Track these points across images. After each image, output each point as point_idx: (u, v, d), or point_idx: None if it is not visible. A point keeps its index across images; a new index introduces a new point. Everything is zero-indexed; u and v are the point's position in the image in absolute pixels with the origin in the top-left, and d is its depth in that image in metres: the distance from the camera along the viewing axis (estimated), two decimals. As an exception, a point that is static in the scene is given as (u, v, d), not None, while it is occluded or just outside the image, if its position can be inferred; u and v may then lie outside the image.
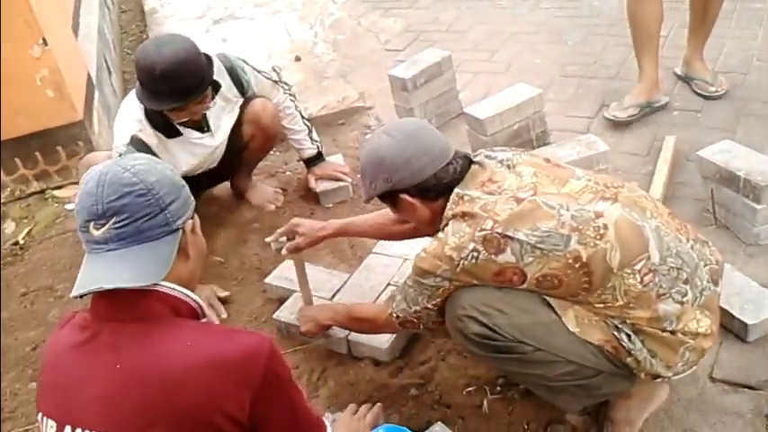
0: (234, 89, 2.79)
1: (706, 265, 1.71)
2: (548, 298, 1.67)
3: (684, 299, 1.64)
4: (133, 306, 1.30)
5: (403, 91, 3.36)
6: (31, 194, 3.59)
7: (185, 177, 1.45)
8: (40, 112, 3.39)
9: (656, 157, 2.93)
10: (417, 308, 1.80)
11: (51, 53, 3.32)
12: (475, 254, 1.62)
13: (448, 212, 1.70)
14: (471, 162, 1.77)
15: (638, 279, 1.60)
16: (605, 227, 1.60)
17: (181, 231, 1.34)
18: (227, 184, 3.23)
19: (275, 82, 2.98)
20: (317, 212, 3.09)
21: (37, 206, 3.53)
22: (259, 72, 2.91)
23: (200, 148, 2.76)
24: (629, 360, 1.67)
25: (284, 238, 2.32)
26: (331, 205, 3.12)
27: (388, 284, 2.47)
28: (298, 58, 4.32)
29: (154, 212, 1.29)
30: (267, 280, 2.64)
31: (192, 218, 1.39)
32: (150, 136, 2.59)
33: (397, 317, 1.87)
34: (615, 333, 1.65)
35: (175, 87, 2.42)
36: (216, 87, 2.67)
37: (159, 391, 1.25)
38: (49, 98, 3.38)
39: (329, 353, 2.35)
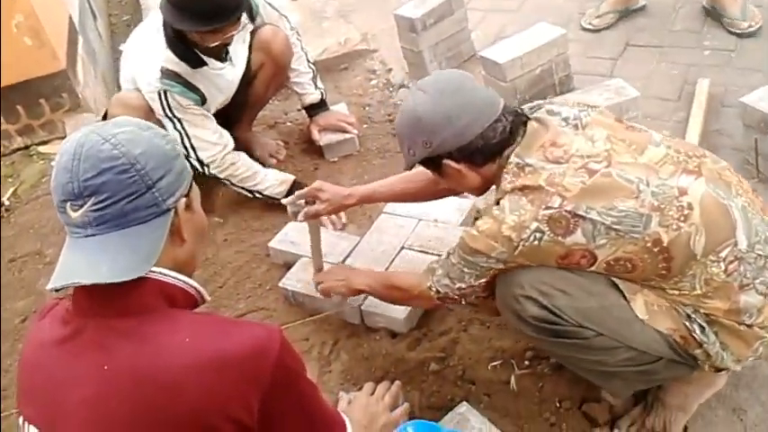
0: (245, 14, 2.58)
1: None
2: (616, 280, 1.48)
3: None
4: (120, 299, 1.12)
5: (411, 32, 3.11)
6: (14, 151, 3.39)
7: None
8: (18, 61, 3.16)
9: (687, 102, 2.72)
10: (462, 285, 1.60)
11: (27, -4, 3.06)
12: (538, 234, 1.42)
13: (506, 185, 1.48)
14: (526, 119, 1.54)
15: (723, 268, 1.41)
16: (690, 206, 1.40)
17: (173, 212, 1.16)
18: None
19: (281, 14, 2.79)
20: (321, 167, 2.91)
21: (22, 164, 3.34)
22: (266, 2, 2.72)
23: (223, 81, 2.61)
24: (697, 352, 1.50)
25: (302, 202, 2.10)
26: (336, 159, 2.91)
27: (402, 248, 2.30)
28: (294, -3, 4.05)
29: (139, 191, 1.11)
30: (271, 244, 2.46)
31: (188, 194, 1.19)
32: (178, 64, 2.43)
33: (437, 291, 1.67)
34: (686, 323, 1.48)
35: (218, 5, 2.25)
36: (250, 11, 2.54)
37: (154, 394, 1.09)
38: (27, 46, 3.15)
39: (341, 324, 2.18)
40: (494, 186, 1.57)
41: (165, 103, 2.44)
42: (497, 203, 1.49)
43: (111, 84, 4.02)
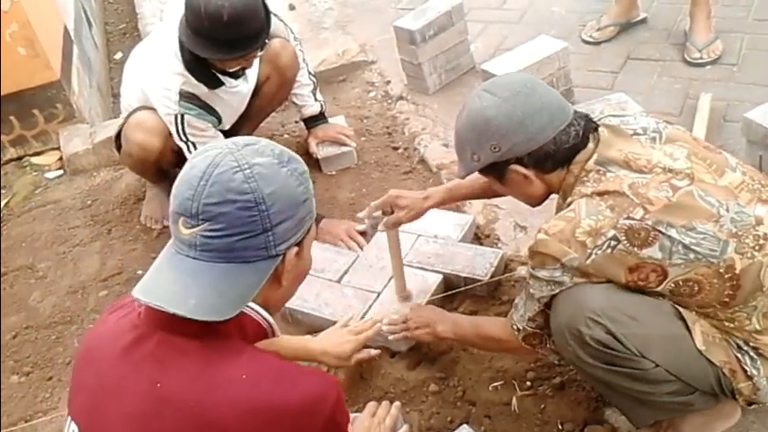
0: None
1: None
2: (680, 309, 1.43)
3: None
4: (197, 321, 1.07)
5: (410, 44, 3.08)
6: (7, 162, 3.33)
7: None
8: (11, 72, 3.11)
9: (689, 117, 2.68)
10: (530, 314, 1.55)
11: (21, 5, 3.03)
12: (613, 243, 1.36)
13: (586, 189, 1.41)
14: (596, 125, 1.49)
15: None
16: (765, 237, 1.37)
17: (280, 258, 1.11)
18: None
19: (286, 24, 2.75)
20: (318, 180, 2.85)
21: (15, 175, 3.28)
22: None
23: (238, 97, 2.59)
24: (742, 386, 1.46)
25: (379, 213, 2.02)
26: (333, 172, 2.87)
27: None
28: (292, 7, 4.04)
29: (255, 231, 1.06)
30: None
31: (301, 242, 1.14)
32: (196, 86, 2.41)
33: (518, 330, 1.60)
34: (738, 354, 1.44)
35: (242, 33, 2.21)
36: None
37: (197, 428, 1.05)
38: (21, 56, 3.10)
39: (339, 342, 2.13)
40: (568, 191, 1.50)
41: (180, 127, 2.41)
42: (567, 205, 1.44)
43: (106, 93, 3.98)
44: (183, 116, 2.39)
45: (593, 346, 1.42)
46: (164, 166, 2.62)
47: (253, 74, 2.62)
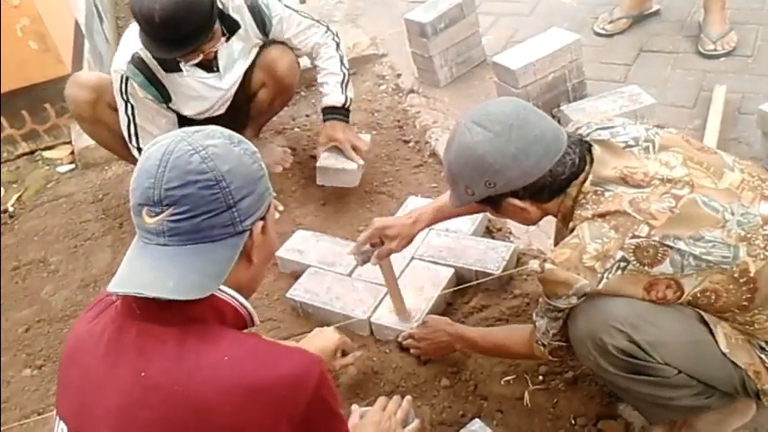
0: (255, 28, 2.54)
1: None
2: (701, 312, 1.41)
3: None
4: (173, 309, 1.09)
5: (421, 37, 3.06)
6: (19, 156, 3.35)
7: None
8: (23, 66, 3.13)
9: (704, 109, 2.65)
10: (555, 331, 1.53)
11: (32, 0, 3.01)
12: (622, 264, 1.33)
13: (586, 212, 1.38)
14: (590, 145, 1.45)
15: None
16: None
17: (247, 233, 1.12)
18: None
19: (316, 21, 2.66)
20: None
21: (26, 169, 3.31)
22: (295, 11, 2.62)
23: (206, 89, 2.55)
24: (767, 387, 1.44)
25: (367, 246, 1.96)
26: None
27: (413, 258, 2.25)
28: (302, 0, 3.99)
29: (219, 209, 1.08)
30: (278, 253, 2.41)
31: (264, 217, 1.16)
32: (150, 60, 2.42)
33: (543, 345, 1.58)
34: (761, 355, 1.42)
35: (179, 34, 2.19)
36: (232, 27, 2.44)
37: (185, 413, 1.05)
38: (32, 50, 3.12)
39: (350, 336, 2.11)
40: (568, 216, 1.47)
41: (123, 86, 2.45)
42: (571, 231, 1.41)
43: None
44: (127, 79, 2.43)
45: (616, 354, 1.39)
46: (103, 119, 2.63)
47: (234, 73, 2.57)
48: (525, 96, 2.61)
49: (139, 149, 2.51)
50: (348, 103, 2.64)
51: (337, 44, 2.67)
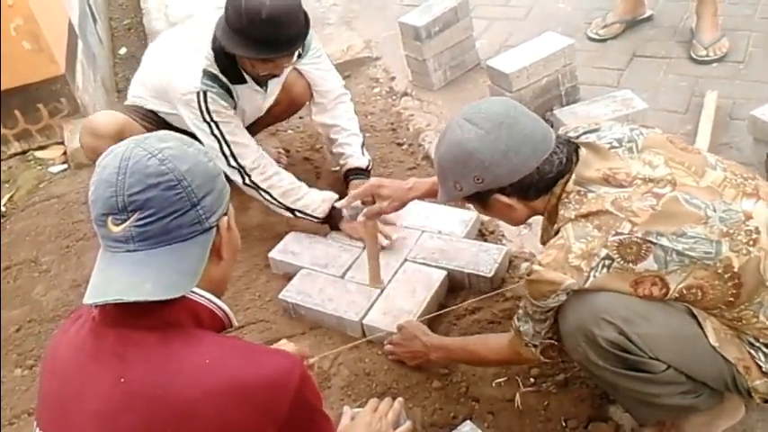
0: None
1: None
2: (691, 306, 1.43)
3: None
4: (149, 314, 1.10)
5: (415, 40, 3.07)
6: (11, 156, 3.34)
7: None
8: (16, 66, 3.12)
9: (695, 114, 2.67)
10: (545, 329, 1.54)
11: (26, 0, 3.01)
12: (607, 262, 1.35)
13: (569, 213, 1.41)
14: (577, 146, 1.48)
15: None
16: (757, 231, 1.36)
17: (214, 230, 1.13)
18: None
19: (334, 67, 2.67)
20: (322, 175, 2.86)
21: (19, 169, 3.30)
22: (325, 53, 2.63)
23: (254, 104, 2.53)
24: (758, 383, 1.44)
25: (358, 203, 1.97)
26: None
27: (405, 260, 2.25)
28: (297, 3, 4.00)
29: (184, 208, 1.09)
30: (271, 254, 2.41)
31: (227, 212, 1.17)
32: (221, 75, 2.33)
33: (535, 346, 1.58)
34: (751, 351, 1.43)
35: (278, 35, 2.16)
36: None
37: (167, 417, 1.05)
38: (25, 50, 3.11)
39: (342, 337, 2.14)
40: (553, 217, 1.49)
41: (203, 105, 2.30)
42: (555, 233, 1.42)
43: (110, 88, 3.98)
44: (205, 93, 2.29)
45: (605, 347, 1.40)
46: None
47: (272, 93, 2.56)
48: (519, 100, 2.58)
49: (242, 167, 2.36)
50: (370, 165, 2.63)
51: (352, 106, 2.67)
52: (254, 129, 2.80)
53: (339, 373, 2.04)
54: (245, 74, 2.38)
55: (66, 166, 3.24)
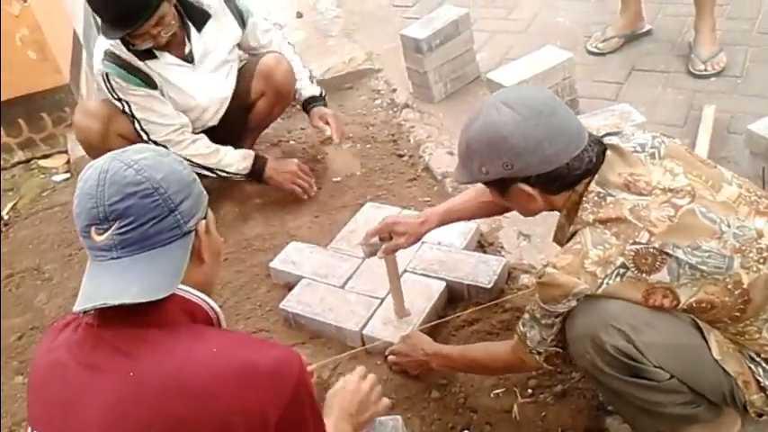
0: (232, 17, 2.61)
1: None
2: (696, 318, 1.44)
3: None
4: (144, 315, 1.14)
5: (416, 53, 3.10)
6: (15, 164, 3.37)
7: None
8: (21, 75, 3.15)
9: (693, 128, 2.69)
10: (552, 337, 1.53)
11: (31, 10, 3.08)
12: (622, 270, 1.35)
13: (587, 216, 1.40)
14: (605, 147, 1.47)
15: None
16: None
17: (193, 234, 1.19)
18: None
19: (274, 24, 2.80)
20: (324, 185, 2.88)
21: (22, 177, 3.32)
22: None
23: (184, 81, 2.58)
24: (755, 397, 1.46)
25: (376, 239, 2.00)
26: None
27: (405, 271, 2.27)
28: (299, 15, 4.06)
29: (162, 214, 1.14)
30: (272, 264, 2.43)
31: (205, 216, 1.23)
32: (124, 53, 2.45)
33: (539, 353, 1.57)
34: (751, 365, 1.45)
35: (120, 10, 2.27)
36: (203, 17, 2.53)
37: (181, 402, 1.09)
38: (31, 60, 3.15)
39: (341, 347, 2.15)
40: (554, 212, 1.51)
41: (109, 85, 2.47)
42: (570, 237, 1.43)
43: (114, 98, 4.00)
44: (107, 74, 2.45)
45: (613, 354, 1.41)
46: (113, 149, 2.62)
47: (207, 64, 2.60)
48: (518, 113, 2.64)
49: (156, 143, 2.48)
50: (323, 93, 2.87)
51: (293, 46, 2.85)
52: (252, 128, 2.85)
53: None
54: (154, 50, 2.47)
55: (69, 174, 3.27)
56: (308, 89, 2.84)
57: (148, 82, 2.50)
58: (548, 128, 1.39)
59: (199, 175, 1.30)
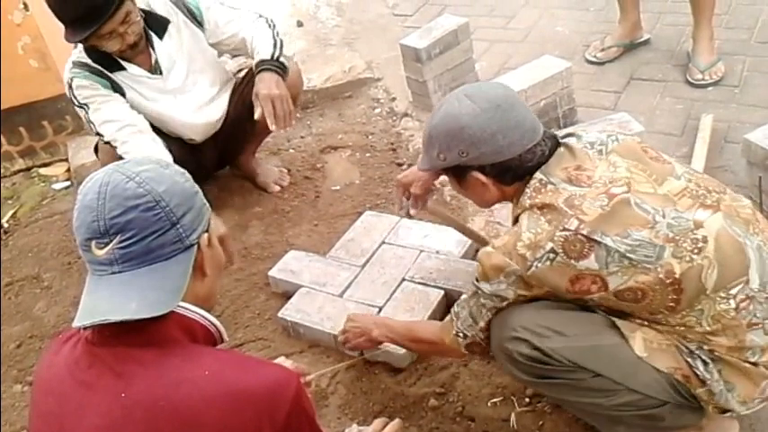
0: (188, 20, 2.55)
1: None
2: (615, 319, 1.47)
3: None
4: (143, 332, 1.12)
5: (416, 62, 3.11)
6: (16, 172, 3.38)
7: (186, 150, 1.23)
8: (23, 83, 3.16)
9: (691, 137, 2.70)
10: (482, 323, 1.58)
11: (33, 19, 3.08)
12: (551, 255, 1.40)
13: (525, 200, 1.48)
14: (558, 144, 1.54)
15: (733, 305, 1.39)
16: (704, 240, 1.38)
17: (195, 247, 1.17)
18: (225, 161, 3.00)
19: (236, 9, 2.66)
20: (323, 194, 2.89)
21: (23, 185, 3.32)
22: (220, 3, 2.63)
23: (153, 92, 2.53)
24: (699, 391, 1.46)
25: (403, 200, 2.12)
26: (338, 188, 2.84)
27: (403, 279, 2.27)
28: (300, 24, 4.07)
29: (164, 228, 1.12)
30: (271, 273, 2.43)
31: (208, 229, 1.21)
32: (94, 64, 2.44)
33: (464, 336, 1.64)
34: (689, 359, 1.45)
35: (78, 11, 2.24)
36: (163, 24, 2.49)
37: (169, 426, 1.07)
38: (32, 68, 3.16)
39: (340, 356, 2.15)
40: (507, 202, 1.57)
41: (72, 92, 2.44)
42: (515, 221, 1.49)
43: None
44: (72, 80, 2.42)
45: (523, 362, 1.47)
46: None
47: (176, 72, 2.54)
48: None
49: (109, 143, 2.42)
50: (278, 54, 2.46)
51: (269, 24, 2.55)
52: (257, 134, 2.82)
53: (336, 391, 2.06)
54: (120, 61, 2.44)
55: (69, 182, 3.28)
56: (261, 53, 2.47)
57: (116, 89, 2.46)
58: (504, 121, 1.47)
59: None
